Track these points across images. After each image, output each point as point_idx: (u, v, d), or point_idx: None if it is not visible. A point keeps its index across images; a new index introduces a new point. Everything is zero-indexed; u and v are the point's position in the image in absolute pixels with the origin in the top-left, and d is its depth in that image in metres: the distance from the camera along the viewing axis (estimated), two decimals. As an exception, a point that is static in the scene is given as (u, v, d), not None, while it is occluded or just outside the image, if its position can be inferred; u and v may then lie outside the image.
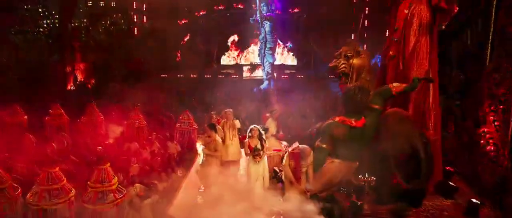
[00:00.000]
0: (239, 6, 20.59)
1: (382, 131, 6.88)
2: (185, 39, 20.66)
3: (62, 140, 10.42)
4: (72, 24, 20.02)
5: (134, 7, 20.81)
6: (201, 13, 20.63)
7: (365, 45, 18.10)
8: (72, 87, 18.80)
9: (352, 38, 18.15)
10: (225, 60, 20.63)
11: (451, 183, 7.18)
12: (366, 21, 19.89)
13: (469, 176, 7.64)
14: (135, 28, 20.67)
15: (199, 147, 7.83)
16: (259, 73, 20.07)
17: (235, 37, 20.57)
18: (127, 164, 9.13)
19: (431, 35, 7.30)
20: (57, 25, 20.14)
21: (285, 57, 20.80)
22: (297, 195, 6.83)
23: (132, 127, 10.68)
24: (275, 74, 18.90)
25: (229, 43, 20.63)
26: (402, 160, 6.51)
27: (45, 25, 20.36)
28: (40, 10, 20.26)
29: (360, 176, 6.61)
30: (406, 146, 6.51)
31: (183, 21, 20.58)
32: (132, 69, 18.88)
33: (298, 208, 6.80)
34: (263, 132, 7.70)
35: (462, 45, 9.59)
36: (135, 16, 20.88)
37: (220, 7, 20.75)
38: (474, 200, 6.50)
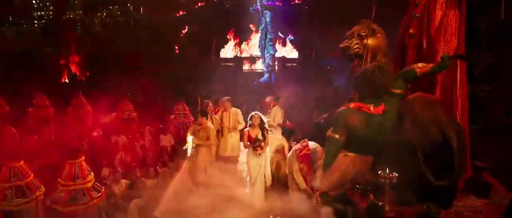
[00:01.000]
0: (238, -4, 19.35)
1: (405, 118, 5.67)
2: (183, 32, 19.42)
3: (48, 132, 9.32)
4: (67, 16, 18.80)
5: (131, -2, 19.59)
6: (199, 4, 19.38)
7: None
8: (66, 80, 17.59)
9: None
10: (224, 52, 19.38)
11: (485, 180, 5.98)
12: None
13: (502, 171, 6.42)
14: (132, 20, 19.41)
15: (189, 137, 6.53)
16: (259, 66, 18.86)
17: (234, 29, 19.31)
18: (114, 159, 8.03)
19: (460, 7, 6.10)
20: (51, 17, 18.95)
21: (286, 49, 19.57)
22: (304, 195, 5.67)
23: (121, 118, 9.53)
24: (276, 66, 17.69)
25: (228, 35, 19.37)
26: (431, 152, 5.30)
27: (39, 17, 19.17)
28: (33, 1, 19.06)
29: (379, 172, 5.37)
30: (436, 134, 5.30)
31: (181, 13, 19.34)
32: (128, 62, 17.73)
33: (305, 209, 5.69)
34: (265, 120, 6.46)
35: (494, 21, 8.25)
36: (131, 7, 19.63)
37: (219, -2, 19.52)
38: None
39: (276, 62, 18.15)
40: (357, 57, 6.84)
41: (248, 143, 6.33)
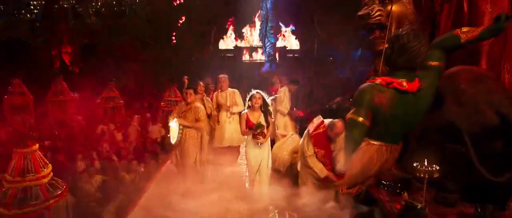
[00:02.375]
0: (238, -15, 17.92)
1: (446, 96, 4.33)
2: (181, 21, 18.04)
3: (19, 120, 7.98)
4: (60, 5, 17.42)
5: (126, -14, 18.17)
6: (197, -8, 17.98)
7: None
8: (57, 71, 16.24)
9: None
10: (224, 42, 18.03)
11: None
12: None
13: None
14: (127, 9, 18.02)
15: (171, 121, 5.12)
16: (259, 56, 17.52)
17: (234, 18, 17.95)
18: (94, 150, 6.69)
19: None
20: (44, 6, 17.59)
21: (287, 40, 18.22)
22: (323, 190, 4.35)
23: (106, 106, 8.21)
24: (277, 56, 16.33)
25: (227, 25, 18.00)
26: (483, 139, 3.97)
27: (30, 6, 17.82)
28: (26, -11, 17.70)
29: (415, 164, 4.03)
30: (490, 116, 3.97)
31: (178, 2, 17.94)
32: (123, 53, 16.40)
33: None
34: (269, 101, 5.07)
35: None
36: (127, -4, 18.23)
37: (218, -14, 18.07)
38: None
39: (277, 52, 16.81)
40: (379, 27, 5.45)
41: (247, 130, 4.96)
